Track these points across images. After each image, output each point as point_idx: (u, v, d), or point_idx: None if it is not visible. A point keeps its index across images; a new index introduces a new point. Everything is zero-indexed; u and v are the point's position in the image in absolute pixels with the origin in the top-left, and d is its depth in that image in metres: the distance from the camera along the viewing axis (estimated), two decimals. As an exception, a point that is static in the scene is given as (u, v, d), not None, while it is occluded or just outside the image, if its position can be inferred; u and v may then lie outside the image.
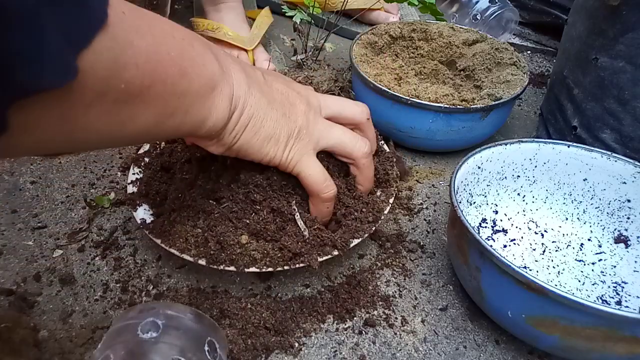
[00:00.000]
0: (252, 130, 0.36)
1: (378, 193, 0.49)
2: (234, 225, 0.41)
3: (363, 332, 0.43)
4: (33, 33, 0.20)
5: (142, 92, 0.27)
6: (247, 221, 0.41)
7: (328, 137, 0.42)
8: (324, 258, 0.42)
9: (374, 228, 0.45)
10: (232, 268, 0.40)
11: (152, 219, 0.46)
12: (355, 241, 0.43)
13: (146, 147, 0.54)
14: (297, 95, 0.41)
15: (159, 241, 0.43)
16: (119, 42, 0.25)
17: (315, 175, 0.41)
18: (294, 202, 0.42)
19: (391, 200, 0.48)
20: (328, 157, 0.44)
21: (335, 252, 0.42)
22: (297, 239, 0.41)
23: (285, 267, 0.41)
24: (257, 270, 0.40)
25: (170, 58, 0.29)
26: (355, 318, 0.44)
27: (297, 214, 0.42)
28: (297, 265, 0.41)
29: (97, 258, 0.48)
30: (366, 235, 0.44)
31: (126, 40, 0.25)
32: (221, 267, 0.40)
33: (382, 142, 0.56)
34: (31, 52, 0.20)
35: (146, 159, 0.52)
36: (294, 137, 0.39)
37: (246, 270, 0.40)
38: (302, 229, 0.42)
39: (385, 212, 0.47)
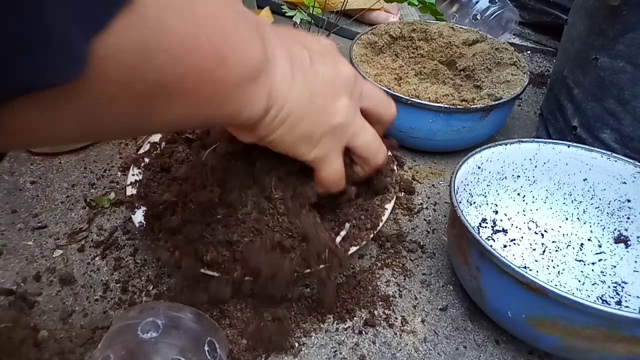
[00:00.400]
0: (288, 127, 0.34)
1: (377, 201, 0.49)
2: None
3: (363, 332, 0.43)
4: (31, 15, 0.16)
5: (173, 81, 0.24)
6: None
7: (358, 138, 0.39)
8: (322, 266, 0.42)
9: (372, 235, 0.45)
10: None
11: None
12: (354, 249, 0.43)
13: (146, 147, 0.54)
14: (344, 83, 0.37)
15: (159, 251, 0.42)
16: (149, 23, 0.21)
17: (334, 175, 0.39)
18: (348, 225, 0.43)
19: (389, 206, 0.48)
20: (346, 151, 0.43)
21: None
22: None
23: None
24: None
25: (209, 44, 0.25)
26: (355, 318, 0.44)
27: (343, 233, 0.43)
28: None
29: (97, 258, 0.48)
30: (364, 242, 0.44)
31: (159, 21, 0.22)
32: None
33: None
34: (28, 39, 0.16)
35: (146, 160, 0.52)
36: (328, 134, 0.36)
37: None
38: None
39: (384, 219, 0.47)
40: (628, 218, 0.50)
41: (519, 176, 0.53)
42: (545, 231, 0.53)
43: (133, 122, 0.25)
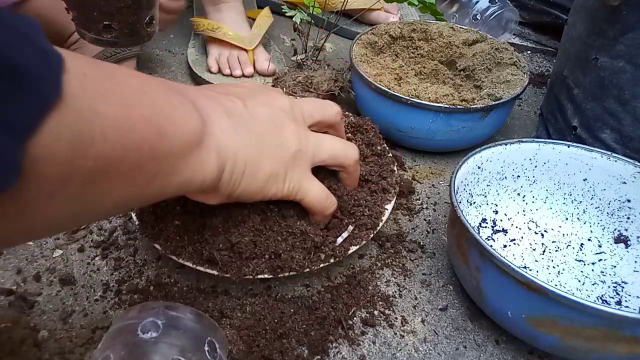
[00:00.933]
0: (249, 176, 0.34)
1: (377, 201, 0.49)
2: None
3: (363, 332, 0.43)
4: None
5: (113, 164, 0.24)
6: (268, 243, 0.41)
7: (321, 152, 0.40)
8: (322, 265, 0.42)
9: (371, 235, 0.45)
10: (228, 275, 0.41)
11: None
12: (354, 248, 0.44)
13: None
14: (283, 113, 0.38)
15: (158, 247, 0.42)
16: (81, 113, 0.21)
17: (318, 197, 0.40)
18: (351, 227, 0.44)
19: (389, 207, 0.48)
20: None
21: (332, 260, 0.42)
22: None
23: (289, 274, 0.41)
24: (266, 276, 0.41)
25: (144, 119, 0.25)
26: (355, 318, 0.44)
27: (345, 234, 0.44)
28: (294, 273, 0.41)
29: (97, 258, 0.48)
30: (364, 242, 0.44)
31: (90, 109, 0.22)
32: (227, 274, 0.41)
33: (384, 144, 0.55)
34: None
35: None
36: (291, 164, 0.37)
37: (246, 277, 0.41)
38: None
39: (384, 219, 0.47)
40: (628, 218, 0.50)
41: (519, 176, 0.53)
42: (545, 231, 0.53)
43: (80, 211, 0.24)
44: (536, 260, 0.50)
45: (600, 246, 0.51)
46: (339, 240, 0.43)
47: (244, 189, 0.35)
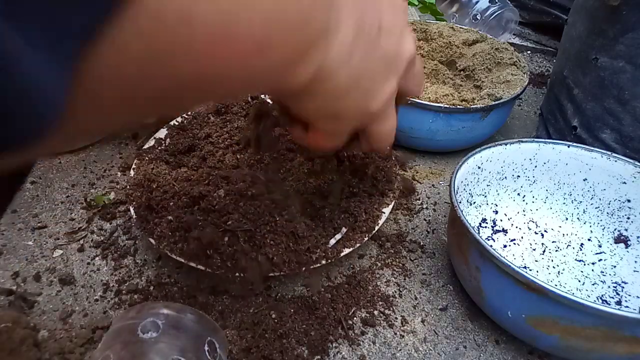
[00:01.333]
0: (321, 102, 0.29)
1: (375, 204, 0.49)
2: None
3: (363, 332, 0.43)
4: None
5: (190, 83, 0.18)
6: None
7: (377, 125, 0.34)
8: (313, 267, 0.42)
9: (366, 238, 0.45)
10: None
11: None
12: (347, 250, 0.43)
13: (151, 142, 0.54)
14: (401, 63, 0.31)
15: (153, 241, 0.43)
16: (163, 17, 0.14)
17: (334, 146, 0.35)
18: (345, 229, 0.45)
19: (386, 210, 0.48)
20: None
21: (324, 261, 0.42)
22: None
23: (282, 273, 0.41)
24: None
25: (247, 29, 0.18)
26: (355, 318, 0.44)
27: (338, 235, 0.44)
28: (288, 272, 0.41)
29: (97, 258, 0.48)
30: (358, 245, 0.44)
31: (177, 12, 0.15)
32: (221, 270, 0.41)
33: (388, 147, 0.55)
34: None
35: (150, 156, 0.52)
36: (357, 118, 0.32)
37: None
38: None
39: (380, 222, 0.47)
40: (628, 218, 0.50)
41: (519, 176, 0.53)
42: (545, 231, 0.53)
43: (137, 118, 0.21)
44: (536, 260, 0.50)
45: (600, 246, 0.51)
46: (332, 242, 0.43)
47: (304, 106, 0.30)
